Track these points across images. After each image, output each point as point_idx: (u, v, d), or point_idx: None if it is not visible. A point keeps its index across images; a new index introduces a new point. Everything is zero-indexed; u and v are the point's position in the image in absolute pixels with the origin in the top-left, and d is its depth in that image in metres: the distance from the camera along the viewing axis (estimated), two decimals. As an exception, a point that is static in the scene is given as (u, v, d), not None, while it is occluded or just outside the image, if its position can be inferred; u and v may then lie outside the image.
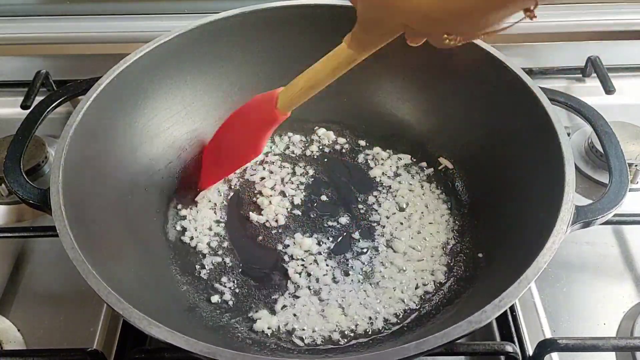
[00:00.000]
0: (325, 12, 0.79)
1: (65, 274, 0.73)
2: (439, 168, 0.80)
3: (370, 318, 0.66)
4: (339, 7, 0.79)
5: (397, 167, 0.81)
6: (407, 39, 0.52)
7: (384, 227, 0.75)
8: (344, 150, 0.84)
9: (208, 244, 0.73)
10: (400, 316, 0.66)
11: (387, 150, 0.83)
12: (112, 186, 0.69)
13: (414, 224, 0.75)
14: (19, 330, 0.68)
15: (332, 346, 0.64)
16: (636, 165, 0.80)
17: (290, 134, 0.86)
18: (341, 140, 0.85)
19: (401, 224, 0.75)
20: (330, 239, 0.74)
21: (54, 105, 0.73)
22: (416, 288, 0.69)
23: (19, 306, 0.71)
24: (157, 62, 0.74)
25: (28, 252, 0.77)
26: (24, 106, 0.85)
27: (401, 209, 0.77)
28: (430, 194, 0.78)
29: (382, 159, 0.82)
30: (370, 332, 0.65)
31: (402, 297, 0.68)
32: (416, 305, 0.67)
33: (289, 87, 0.64)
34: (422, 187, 0.79)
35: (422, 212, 0.76)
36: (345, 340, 0.64)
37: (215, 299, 0.68)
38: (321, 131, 0.86)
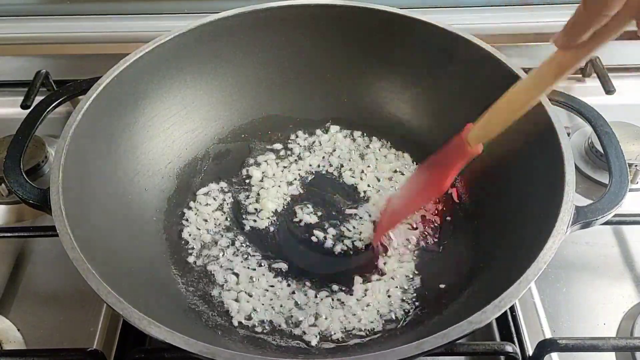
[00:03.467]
0: (325, 12, 0.79)
1: (65, 274, 0.73)
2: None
3: (369, 318, 0.66)
4: (339, 7, 0.79)
5: (397, 167, 0.81)
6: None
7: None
8: (343, 150, 0.84)
9: (207, 243, 0.73)
10: (400, 316, 0.66)
11: (387, 150, 0.83)
12: (112, 186, 0.69)
13: (414, 223, 0.75)
14: (19, 330, 0.68)
15: (332, 346, 0.64)
16: (636, 165, 0.80)
17: (290, 133, 0.86)
18: (340, 140, 0.85)
19: (399, 222, 0.75)
20: (330, 238, 0.74)
21: (54, 105, 0.73)
22: (416, 288, 0.69)
23: (19, 306, 0.71)
24: (157, 62, 0.75)
25: (28, 252, 0.77)
26: (24, 106, 0.85)
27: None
28: (430, 194, 0.78)
29: (383, 159, 0.82)
30: (369, 332, 0.65)
31: (402, 297, 0.68)
32: (416, 306, 0.67)
33: (480, 120, 0.59)
34: (422, 187, 0.79)
35: (421, 211, 0.76)
36: (344, 339, 0.64)
37: (214, 298, 0.68)
38: (320, 131, 0.86)
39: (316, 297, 0.68)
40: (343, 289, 0.68)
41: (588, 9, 0.44)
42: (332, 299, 0.68)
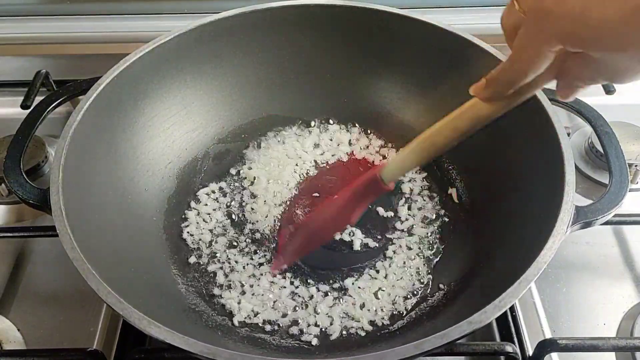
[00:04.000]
0: (325, 12, 0.79)
1: (65, 274, 0.73)
2: (438, 168, 0.81)
3: (369, 318, 0.66)
4: (339, 7, 0.79)
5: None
6: (559, 88, 0.47)
7: (383, 225, 0.75)
8: (342, 150, 0.84)
9: (208, 243, 0.73)
10: (400, 316, 0.66)
11: (387, 150, 0.83)
12: (112, 186, 0.69)
13: (414, 223, 0.75)
14: (19, 330, 0.68)
15: (332, 345, 0.64)
16: (636, 165, 0.80)
17: (289, 132, 0.86)
18: (340, 140, 0.85)
19: (400, 222, 0.75)
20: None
21: (54, 105, 0.73)
22: (415, 288, 0.69)
23: (19, 306, 0.71)
24: (157, 62, 0.74)
25: (28, 252, 0.77)
26: (24, 106, 0.85)
27: (400, 207, 0.77)
28: (429, 194, 0.78)
29: (383, 159, 0.82)
30: (369, 332, 0.65)
31: (402, 297, 0.68)
32: (416, 305, 0.67)
33: (394, 158, 0.61)
34: (421, 187, 0.79)
35: (421, 212, 0.76)
36: (344, 339, 0.64)
37: (215, 298, 0.68)
38: (318, 130, 0.86)
39: (316, 296, 0.68)
40: (343, 288, 0.69)
41: (515, 68, 0.45)
42: (332, 299, 0.68)
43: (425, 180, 0.80)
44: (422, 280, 0.69)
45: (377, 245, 0.73)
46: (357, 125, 0.86)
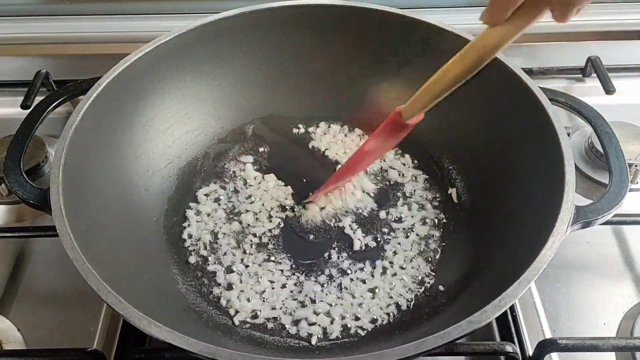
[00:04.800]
0: (325, 12, 0.79)
1: (65, 274, 0.73)
2: (438, 168, 0.81)
3: (369, 317, 0.66)
4: (339, 7, 0.79)
5: (397, 167, 0.82)
6: (552, 9, 0.49)
7: (383, 225, 0.75)
8: (342, 150, 0.84)
9: (208, 243, 0.73)
10: (400, 316, 0.66)
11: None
12: (112, 186, 0.69)
13: (414, 223, 0.75)
14: (19, 330, 0.68)
15: (332, 344, 0.64)
16: (636, 165, 0.80)
17: (289, 133, 0.86)
18: (340, 140, 0.85)
19: (400, 222, 0.75)
20: (331, 237, 0.74)
21: (54, 105, 0.73)
22: (416, 288, 0.69)
23: (19, 306, 0.71)
24: (157, 62, 0.75)
25: (28, 252, 0.77)
26: (24, 106, 0.85)
27: (400, 207, 0.77)
28: (429, 194, 0.78)
29: (383, 160, 0.82)
30: (369, 331, 0.65)
31: (402, 297, 0.68)
32: (416, 305, 0.67)
33: (414, 97, 0.63)
34: (421, 187, 0.79)
35: (421, 212, 0.76)
36: (344, 338, 0.64)
37: (215, 298, 0.68)
38: (319, 130, 0.86)
39: (316, 296, 0.68)
40: (343, 288, 0.69)
41: None
42: (333, 298, 0.68)
43: (425, 180, 0.80)
44: (422, 280, 0.70)
45: (377, 245, 0.73)
46: (357, 125, 0.86)
